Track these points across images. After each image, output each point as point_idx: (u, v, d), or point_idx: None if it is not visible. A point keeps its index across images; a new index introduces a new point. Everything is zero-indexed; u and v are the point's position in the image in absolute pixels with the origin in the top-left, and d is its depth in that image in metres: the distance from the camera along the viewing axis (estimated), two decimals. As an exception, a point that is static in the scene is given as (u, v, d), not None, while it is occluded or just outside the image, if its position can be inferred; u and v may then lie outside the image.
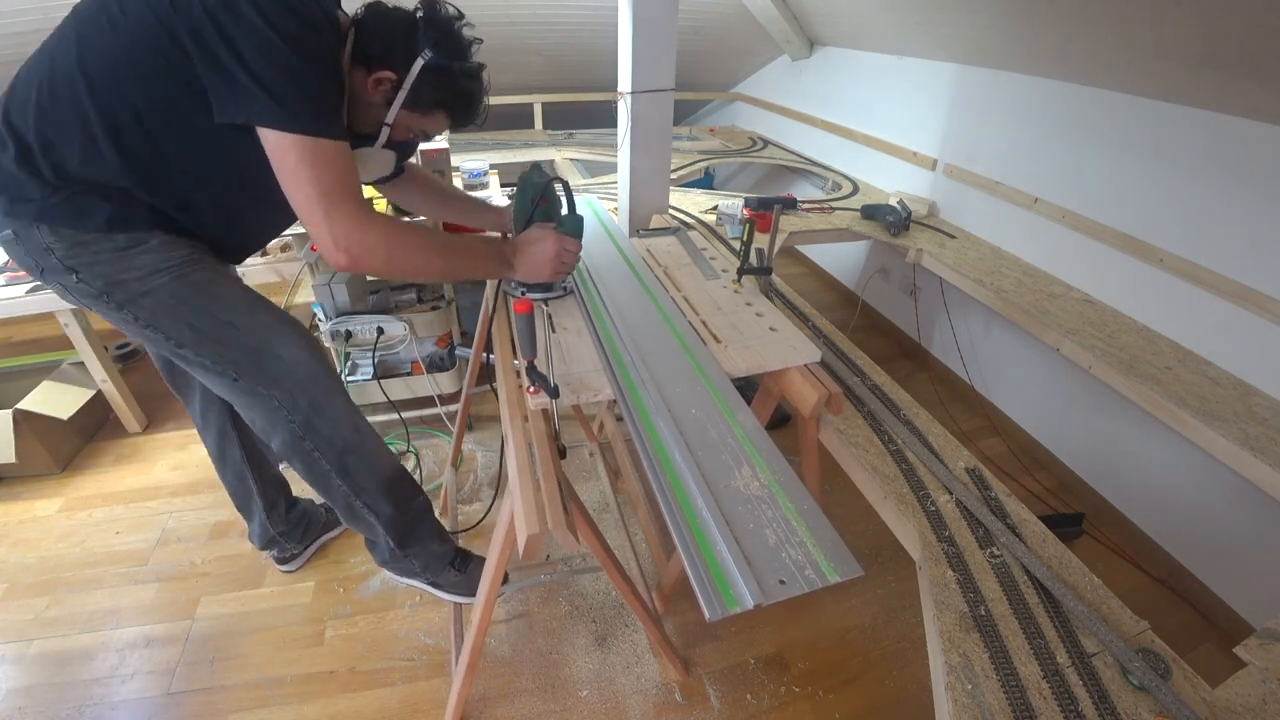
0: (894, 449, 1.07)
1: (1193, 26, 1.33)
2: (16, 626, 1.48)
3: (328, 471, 1.17)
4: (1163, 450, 1.71)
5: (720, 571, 0.67)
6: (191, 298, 1.01)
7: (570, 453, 2.04)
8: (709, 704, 1.36)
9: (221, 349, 1.04)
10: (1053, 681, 0.74)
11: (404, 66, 0.99)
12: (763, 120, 3.64)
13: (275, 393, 1.08)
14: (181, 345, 1.03)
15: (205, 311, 1.03)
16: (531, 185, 1.17)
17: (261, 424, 1.13)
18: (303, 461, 1.16)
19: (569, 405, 0.97)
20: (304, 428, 1.11)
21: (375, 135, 1.08)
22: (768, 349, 1.08)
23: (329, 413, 1.13)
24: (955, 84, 2.27)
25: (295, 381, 1.08)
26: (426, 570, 1.37)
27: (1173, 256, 1.62)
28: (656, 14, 1.44)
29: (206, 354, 1.04)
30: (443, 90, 1.04)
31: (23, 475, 1.90)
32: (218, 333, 1.03)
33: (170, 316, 1.01)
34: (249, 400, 1.10)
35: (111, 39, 0.86)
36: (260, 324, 1.07)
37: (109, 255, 0.95)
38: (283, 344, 1.08)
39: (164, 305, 1.00)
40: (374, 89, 1.01)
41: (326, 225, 0.89)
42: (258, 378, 1.07)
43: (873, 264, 2.90)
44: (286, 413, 1.10)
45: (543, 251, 1.11)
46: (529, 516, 0.80)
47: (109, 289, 0.97)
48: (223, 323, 1.04)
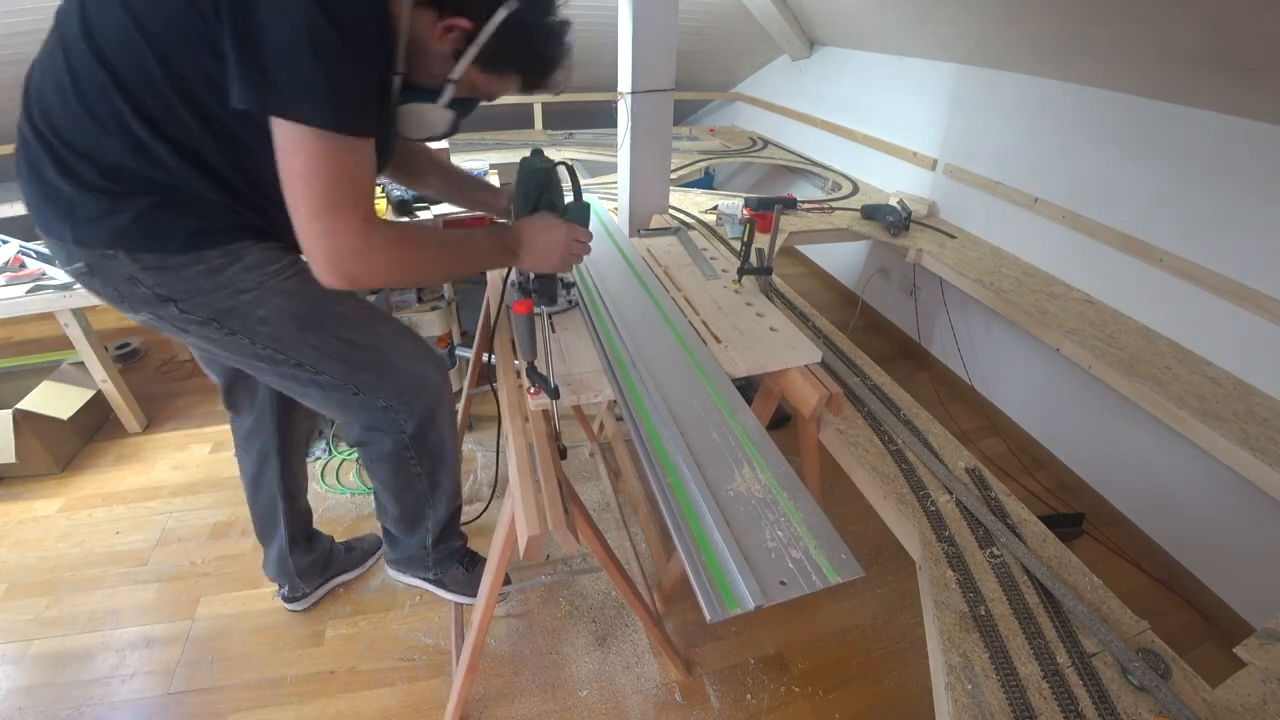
0: (894, 449, 1.07)
1: (1193, 27, 1.33)
2: (16, 626, 1.48)
3: (416, 475, 1.15)
4: (1163, 450, 1.71)
5: (721, 572, 0.67)
6: (310, 318, 0.94)
7: (570, 453, 2.03)
8: (709, 704, 1.36)
9: (345, 367, 0.99)
10: (1053, 681, 0.74)
11: (483, 14, 0.83)
12: (763, 120, 3.64)
13: (395, 404, 1.05)
14: (301, 365, 0.97)
15: (327, 333, 0.96)
16: (535, 171, 1.07)
17: (361, 432, 1.08)
18: (394, 466, 1.13)
19: (569, 405, 0.97)
20: (414, 439, 1.09)
21: (435, 90, 0.91)
22: (768, 349, 1.08)
23: (439, 426, 1.11)
24: (955, 84, 2.27)
25: (416, 394, 1.06)
26: (439, 565, 1.36)
27: (1173, 256, 1.62)
28: (656, 14, 1.44)
29: (327, 372, 0.98)
30: (523, 50, 0.90)
31: (23, 475, 1.90)
32: (342, 352, 0.98)
33: (290, 339, 0.94)
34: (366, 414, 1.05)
35: (125, 18, 0.74)
36: (382, 339, 1.02)
37: (207, 280, 0.86)
38: (406, 358, 1.04)
39: (282, 329, 0.93)
40: (443, 36, 0.84)
41: (325, 240, 0.77)
42: (379, 392, 1.03)
43: (873, 264, 2.90)
44: (401, 423, 1.07)
45: (552, 240, 1.00)
46: (529, 517, 0.80)
47: (219, 316, 0.89)
48: (345, 341, 0.98)
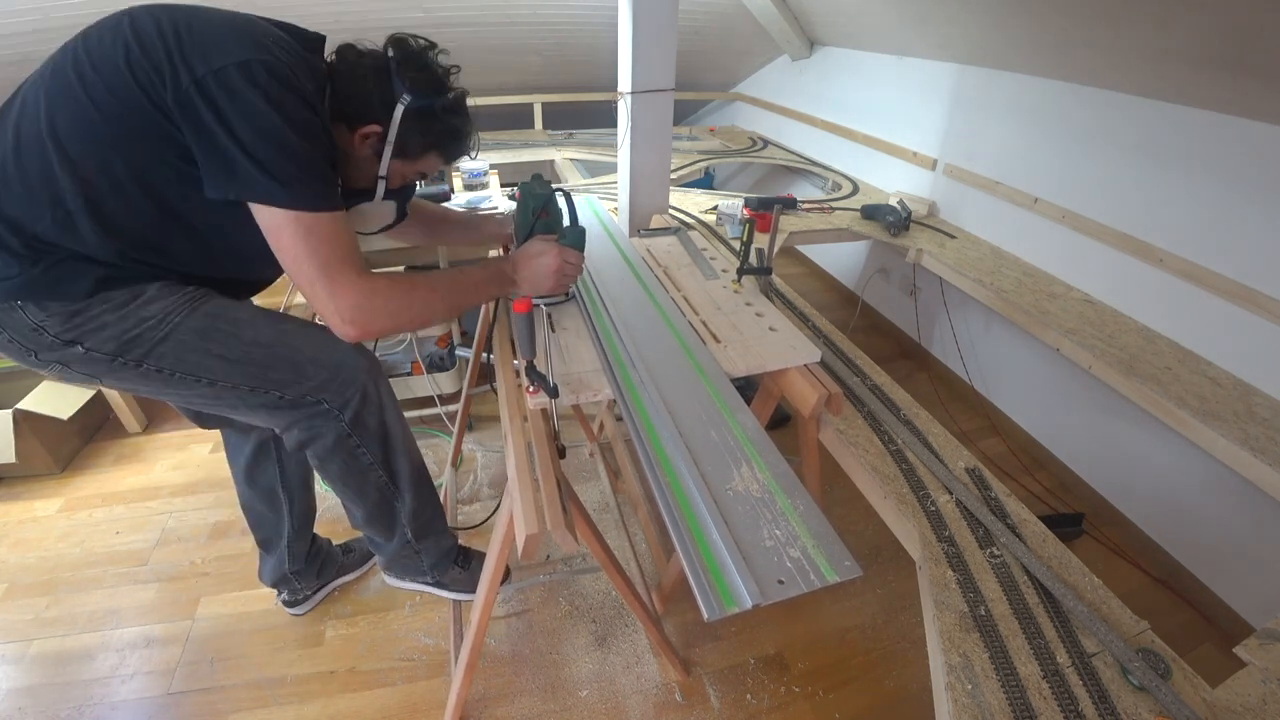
0: (894, 449, 1.07)
1: (1193, 27, 1.33)
2: (16, 626, 1.48)
3: (369, 465, 1.14)
4: (1162, 450, 1.71)
5: (719, 571, 0.67)
6: (211, 328, 0.95)
7: (570, 453, 2.03)
8: (709, 704, 1.36)
9: (256, 369, 0.99)
10: (1053, 681, 0.74)
11: (385, 116, 0.96)
12: (763, 120, 3.64)
13: (325, 396, 1.04)
14: (214, 381, 0.97)
15: (230, 337, 0.97)
16: (533, 197, 1.16)
17: (300, 434, 1.08)
18: (344, 460, 1.12)
19: (569, 405, 0.97)
20: (352, 424, 1.08)
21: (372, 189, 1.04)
22: (768, 349, 1.08)
23: (375, 401, 1.10)
24: (955, 84, 2.27)
25: (340, 381, 1.05)
26: (435, 569, 1.36)
27: (1173, 256, 1.62)
28: (656, 14, 1.44)
29: (243, 381, 0.99)
30: (430, 133, 1.01)
31: (23, 475, 1.90)
32: (249, 355, 0.98)
33: (196, 353, 0.95)
34: (297, 414, 1.05)
35: (84, 101, 0.80)
36: (288, 333, 1.03)
37: (111, 315, 0.89)
38: (318, 347, 1.04)
39: (186, 344, 0.94)
40: (361, 144, 0.98)
41: (331, 302, 0.87)
42: (304, 387, 1.02)
43: (873, 264, 2.90)
44: (337, 413, 1.06)
45: (544, 265, 1.08)
46: (528, 517, 0.80)
47: (123, 349, 0.90)
48: (250, 342, 0.98)
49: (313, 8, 2.34)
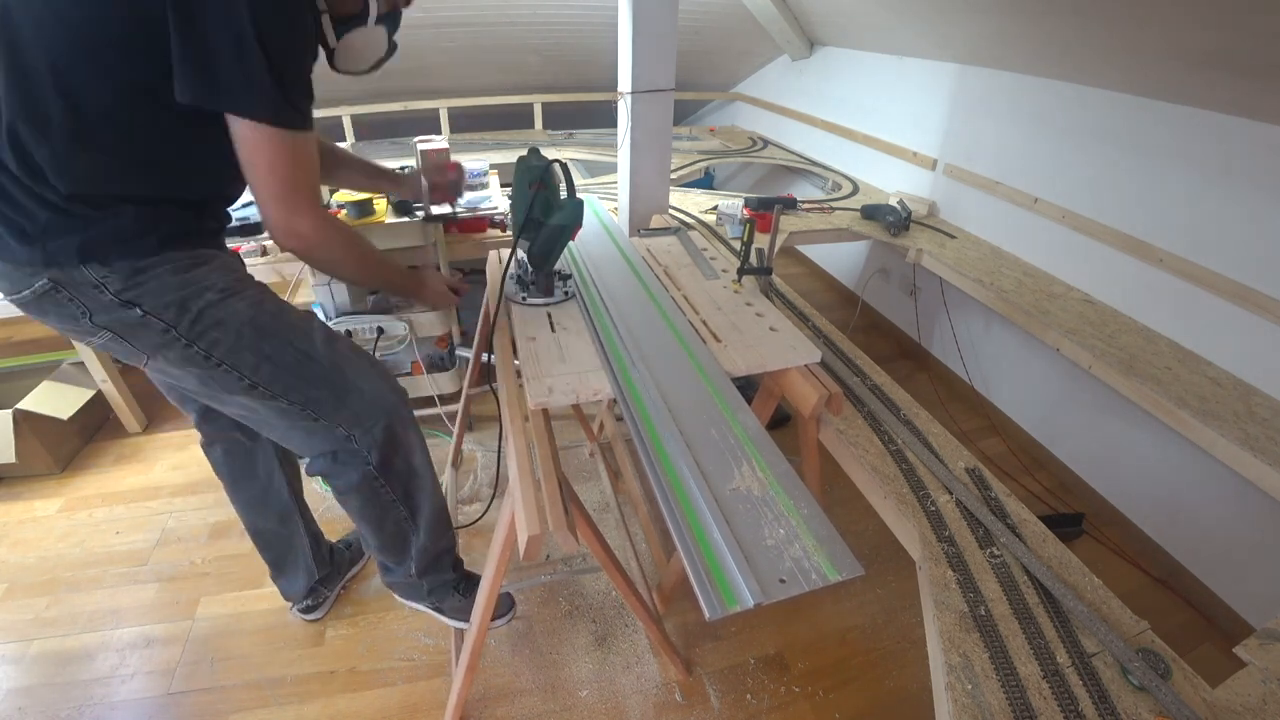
0: (894, 449, 1.07)
1: (1193, 27, 1.33)
2: (16, 626, 1.48)
3: (391, 503, 1.13)
4: (1163, 450, 1.71)
5: (720, 571, 0.67)
6: (268, 325, 0.94)
7: (570, 453, 2.04)
8: (709, 704, 1.36)
9: (301, 384, 0.96)
10: (1053, 681, 0.74)
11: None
12: (763, 120, 3.64)
13: (355, 432, 1.02)
14: (255, 384, 0.94)
15: (284, 343, 0.95)
16: (529, 170, 1.13)
17: (325, 463, 1.05)
18: (366, 498, 1.10)
19: (569, 405, 0.97)
20: (380, 466, 1.06)
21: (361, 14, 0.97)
22: (768, 349, 1.08)
23: (405, 446, 1.09)
24: (955, 84, 2.27)
25: (375, 417, 1.02)
26: (433, 595, 1.34)
27: (1172, 256, 1.62)
28: (656, 14, 1.44)
29: (281, 390, 0.95)
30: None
31: (23, 475, 1.90)
32: (296, 362, 0.95)
33: (248, 349, 0.92)
34: (326, 441, 1.02)
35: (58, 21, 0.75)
36: (339, 355, 1.01)
37: (173, 278, 0.87)
38: (363, 376, 1.02)
39: (242, 337, 0.92)
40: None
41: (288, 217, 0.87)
42: (338, 416, 1.00)
43: (873, 264, 2.90)
44: (365, 452, 1.04)
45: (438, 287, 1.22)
46: (529, 517, 0.80)
47: (179, 317, 0.88)
48: (301, 354, 0.96)
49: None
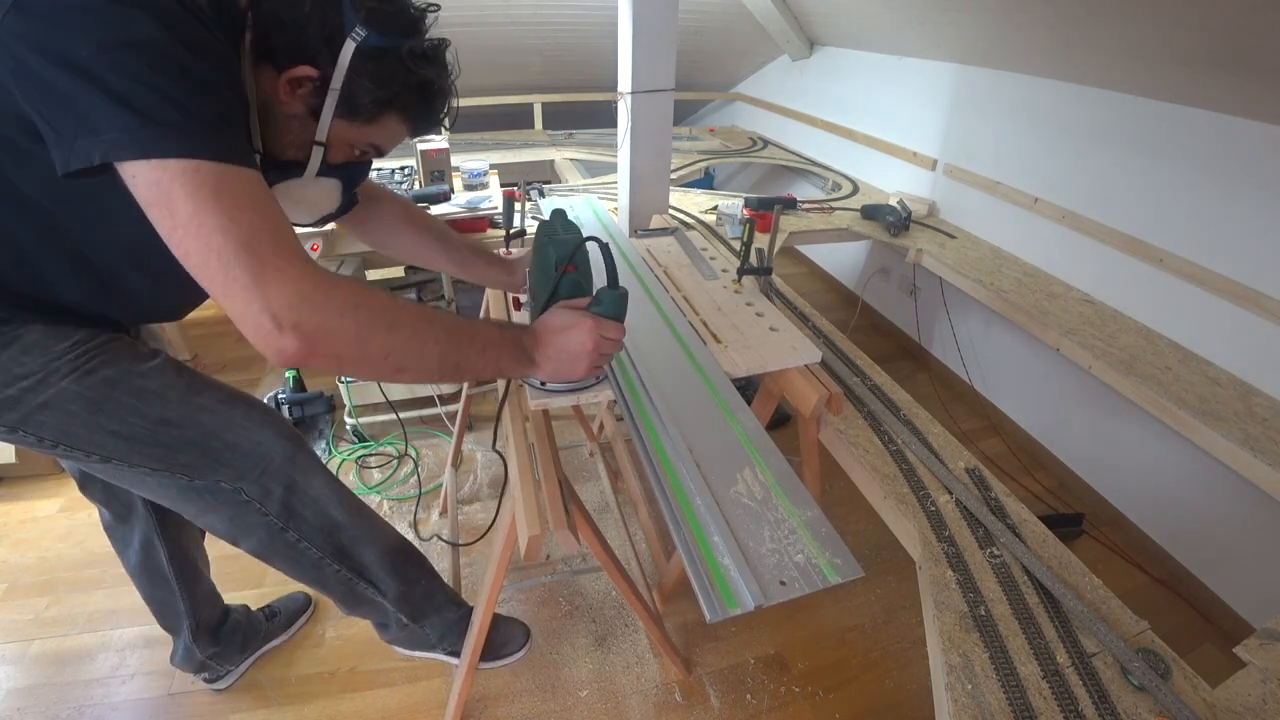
0: (894, 449, 1.07)
1: (1193, 27, 1.33)
2: (16, 626, 1.48)
3: (320, 559, 1.01)
4: (1163, 450, 1.71)
5: (721, 572, 0.67)
6: (108, 399, 0.78)
7: (570, 453, 2.04)
8: (709, 704, 1.36)
9: (161, 450, 0.83)
10: (1053, 681, 0.74)
11: (328, 56, 0.68)
12: (763, 120, 3.64)
13: (243, 485, 0.89)
14: (108, 459, 0.81)
15: (131, 411, 0.79)
16: (556, 244, 0.86)
17: (226, 527, 0.94)
18: (286, 557, 1.00)
19: (569, 405, 0.97)
20: (283, 517, 0.94)
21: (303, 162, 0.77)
22: (768, 349, 1.08)
23: (310, 493, 0.96)
24: (955, 84, 2.27)
25: (264, 468, 0.90)
26: (444, 640, 1.28)
27: (1172, 256, 1.62)
28: (656, 14, 1.44)
29: (143, 461, 0.82)
30: (390, 83, 0.72)
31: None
32: (153, 435, 0.82)
33: (86, 428, 0.78)
34: (208, 502, 0.90)
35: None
36: (203, 411, 0.85)
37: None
38: (236, 429, 0.87)
39: (73, 416, 0.77)
40: (291, 94, 0.71)
41: (259, 294, 0.56)
42: (218, 473, 0.87)
43: (873, 264, 2.90)
44: (259, 505, 0.92)
45: (576, 342, 0.79)
46: (530, 517, 0.80)
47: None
48: (156, 420, 0.81)
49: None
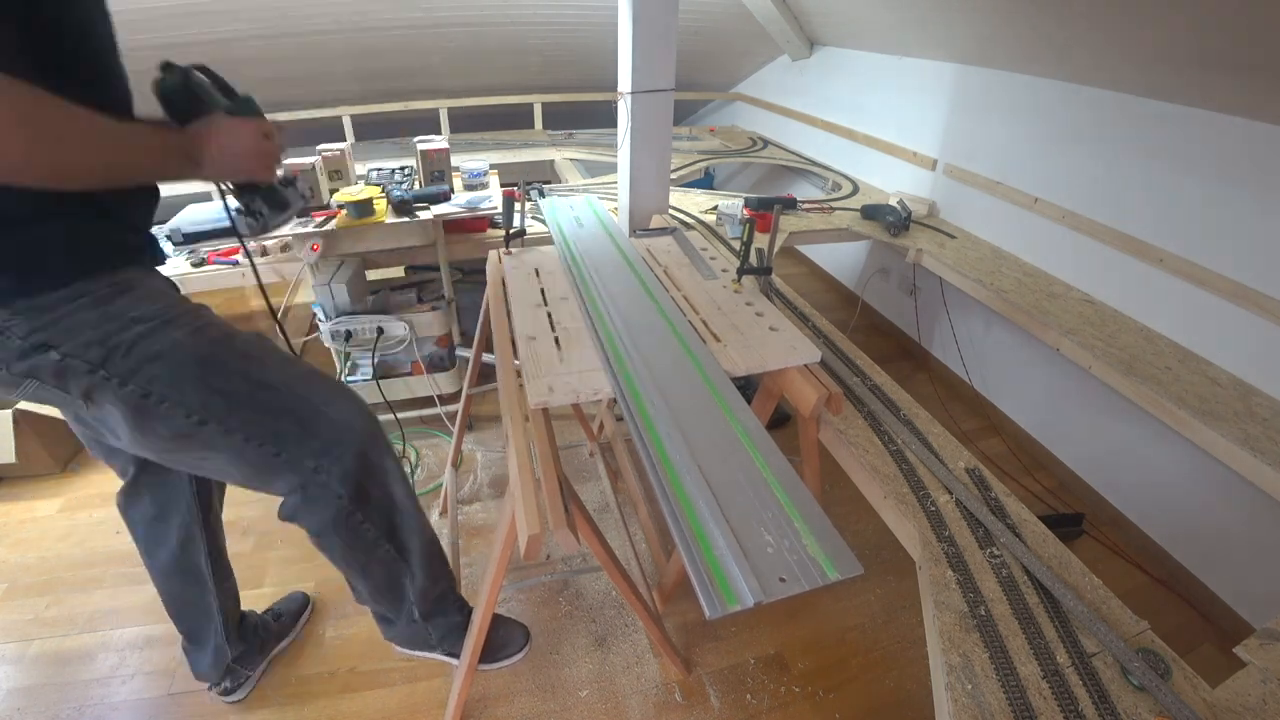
0: (894, 449, 1.07)
1: (1192, 27, 1.33)
2: (16, 626, 1.48)
3: (376, 539, 1.03)
4: (1162, 450, 1.71)
5: (720, 569, 0.67)
6: (215, 357, 0.81)
7: (570, 453, 2.04)
8: (709, 704, 1.36)
9: (259, 415, 0.85)
10: (1053, 681, 0.74)
11: None
12: (763, 120, 3.64)
13: (322, 462, 0.91)
14: (205, 421, 0.81)
15: (236, 371, 0.82)
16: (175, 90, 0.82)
17: (293, 504, 0.95)
18: (346, 537, 1.00)
19: (569, 405, 0.97)
20: (355, 500, 0.96)
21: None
22: (768, 349, 1.08)
23: (381, 475, 0.99)
24: (955, 84, 2.27)
25: (346, 445, 0.92)
26: (445, 641, 1.28)
27: (1173, 256, 1.62)
28: (656, 14, 1.44)
29: (238, 425, 0.83)
30: None
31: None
32: (253, 397, 0.84)
33: (193, 384, 0.80)
34: (292, 479, 0.91)
35: None
36: (298, 380, 0.89)
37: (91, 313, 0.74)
38: (329, 401, 0.90)
39: (183, 368, 0.79)
40: None
41: None
42: (304, 448, 0.89)
43: (873, 264, 2.90)
44: (334, 486, 0.93)
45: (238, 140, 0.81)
46: (529, 516, 0.80)
47: (106, 357, 0.75)
48: (257, 383, 0.84)
49: (310, 9, 2.34)
